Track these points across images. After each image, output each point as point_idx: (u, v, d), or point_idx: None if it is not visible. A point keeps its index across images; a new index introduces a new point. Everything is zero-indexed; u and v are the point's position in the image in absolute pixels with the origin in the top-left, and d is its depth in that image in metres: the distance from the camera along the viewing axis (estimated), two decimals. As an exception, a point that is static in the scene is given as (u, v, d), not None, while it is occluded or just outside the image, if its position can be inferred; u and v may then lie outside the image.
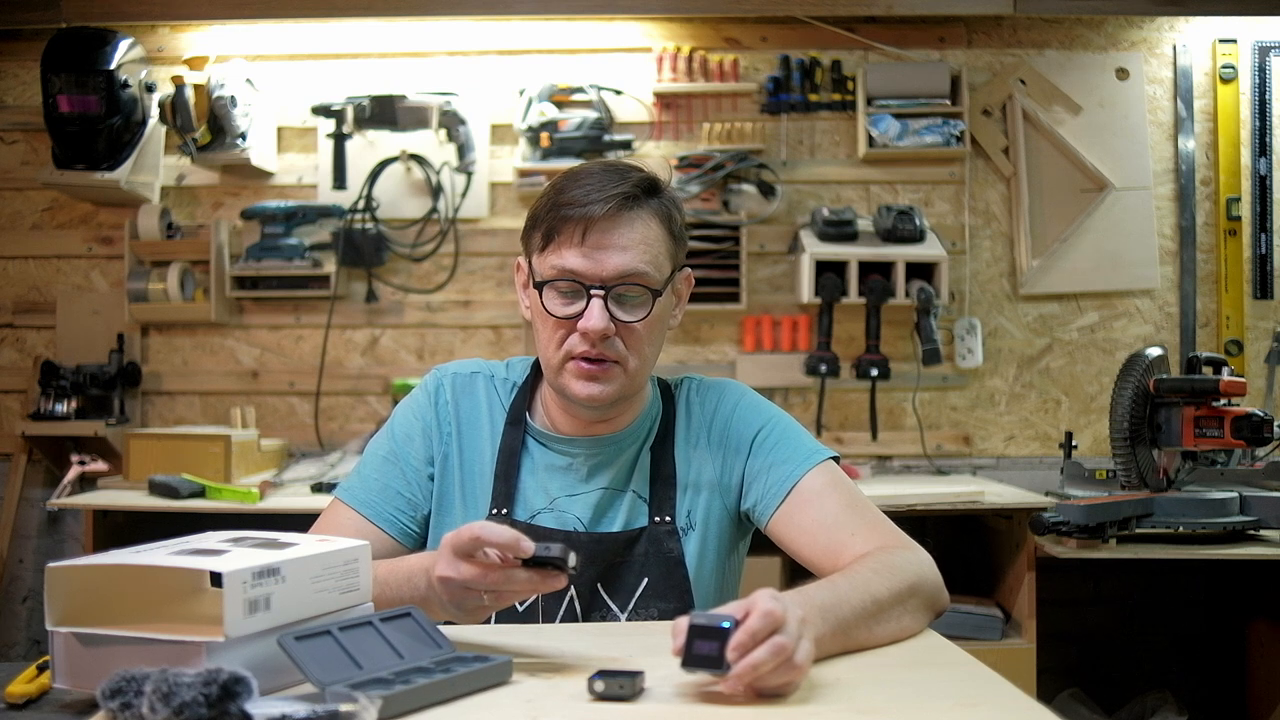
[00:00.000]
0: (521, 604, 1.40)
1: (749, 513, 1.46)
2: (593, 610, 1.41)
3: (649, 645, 1.16)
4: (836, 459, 1.46)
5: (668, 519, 1.43)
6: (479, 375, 1.52)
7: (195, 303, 3.28)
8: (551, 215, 1.36)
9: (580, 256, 1.35)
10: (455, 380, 1.51)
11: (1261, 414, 2.39)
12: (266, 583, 0.99)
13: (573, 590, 1.40)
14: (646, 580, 1.41)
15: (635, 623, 1.41)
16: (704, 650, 0.97)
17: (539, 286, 1.38)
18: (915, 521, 2.57)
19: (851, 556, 1.31)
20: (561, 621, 1.40)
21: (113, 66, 3.06)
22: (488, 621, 1.30)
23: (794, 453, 1.43)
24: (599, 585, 1.41)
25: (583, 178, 1.37)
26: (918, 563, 1.30)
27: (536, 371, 1.52)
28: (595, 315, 1.34)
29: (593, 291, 1.35)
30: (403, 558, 1.32)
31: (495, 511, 1.43)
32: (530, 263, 1.43)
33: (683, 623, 0.98)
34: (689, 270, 1.48)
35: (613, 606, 1.41)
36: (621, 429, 1.46)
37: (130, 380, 3.30)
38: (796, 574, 1.38)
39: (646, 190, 1.38)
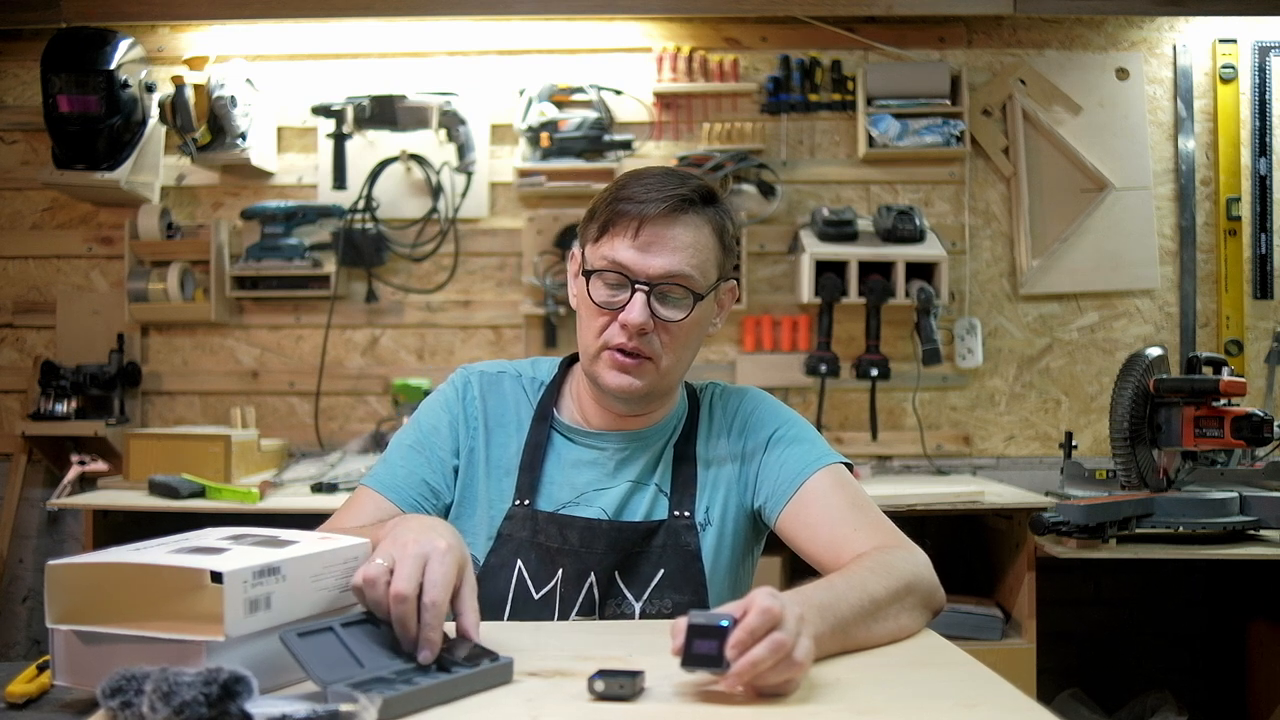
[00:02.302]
0: (538, 591, 1.43)
1: (760, 510, 1.49)
2: (609, 598, 1.43)
3: (650, 645, 1.16)
4: (850, 466, 1.49)
5: (687, 514, 1.47)
6: (505, 375, 1.56)
7: (195, 303, 3.28)
8: (609, 209, 1.41)
9: (631, 251, 1.38)
10: (482, 378, 1.55)
11: (1261, 414, 2.39)
12: (267, 581, 0.99)
13: (592, 577, 1.43)
14: (663, 571, 1.44)
15: (636, 621, 1.42)
16: (703, 649, 0.97)
17: (587, 275, 1.42)
18: (915, 521, 2.57)
19: (853, 552, 1.33)
20: (579, 608, 1.43)
21: (113, 66, 3.06)
22: (492, 618, 1.30)
23: (806, 454, 1.47)
24: (616, 574, 1.44)
25: (644, 177, 1.42)
26: (914, 562, 1.31)
27: (564, 370, 1.57)
28: (636, 309, 1.38)
29: (637, 286, 1.38)
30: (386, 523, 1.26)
31: (518, 503, 1.46)
32: (584, 252, 1.46)
33: (681, 623, 0.99)
34: (734, 282, 1.52)
35: (628, 595, 1.44)
36: (649, 425, 1.51)
37: (130, 380, 3.30)
38: (797, 573, 1.38)
39: (704, 197, 1.42)
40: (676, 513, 1.47)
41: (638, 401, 1.45)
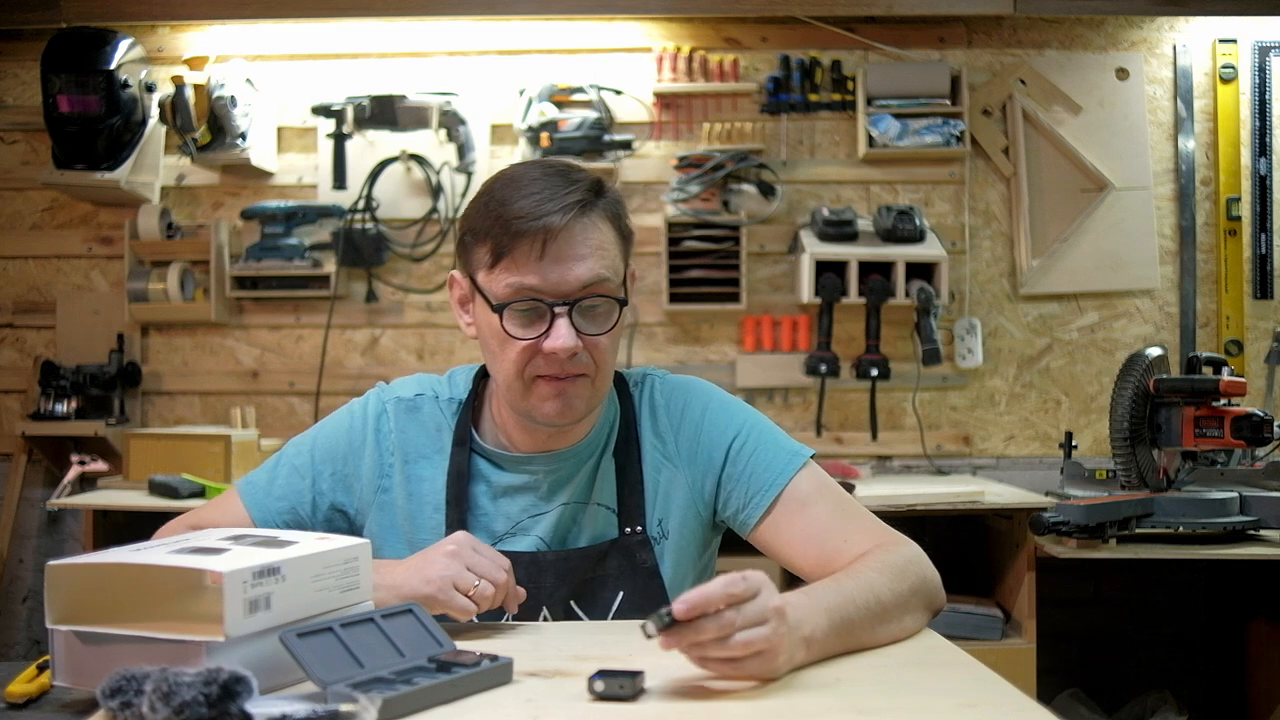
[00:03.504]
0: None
1: (728, 520, 1.41)
2: None
3: (649, 645, 1.15)
4: (814, 456, 1.41)
5: (639, 529, 1.38)
6: (424, 398, 1.43)
7: (195, 303, 3.28)
8: (500, 229, 1.26)
9: (539, 274, 1.26)
10: (398, 406, 1.42)
11: (1261, 414, 2.39)
12: (267, 582, 0.99)
13: (545, 612, 1.35)
14: (622, 594, 1.37)
15: (635, 621, 1.39)
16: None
17: (498, 310, 1.28)
18: (915, 521, 2.57)
19: (845, 562, 1.29)
20: None
21: (113, 66, 3.06)
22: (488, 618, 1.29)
23: (773, 458, 1.38)
24: (572, 603, 1.36)
25: (527, 185, 1.28)
26: (918, 562, 1.29)
27: (479, 385, 1.44)
28: (562, 334, 1.26)
29: (556, 309, 1.26)
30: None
31: None
32: (475, 280, 1.31)
33: None
34: (633, 266, 1.39)
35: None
36: (579, 440, 1.39)
37: (130, 380, 3.30)
38: (795, 576, 1.37)
39: (596, 192, 1.30)
40: (628, 529, 1.37)
41: (573, 423, 1.34)
